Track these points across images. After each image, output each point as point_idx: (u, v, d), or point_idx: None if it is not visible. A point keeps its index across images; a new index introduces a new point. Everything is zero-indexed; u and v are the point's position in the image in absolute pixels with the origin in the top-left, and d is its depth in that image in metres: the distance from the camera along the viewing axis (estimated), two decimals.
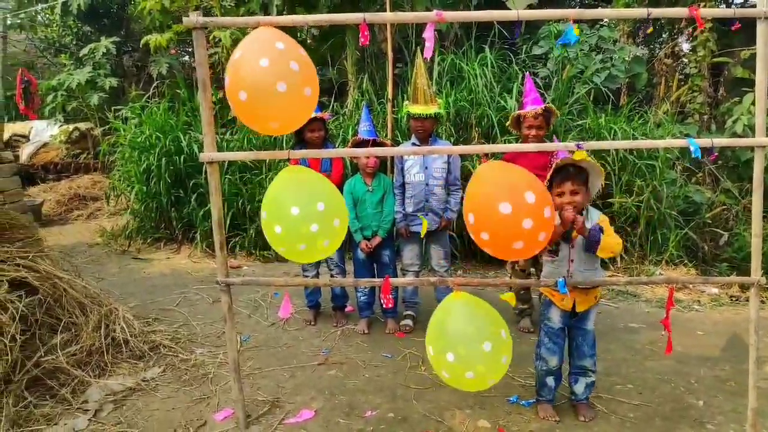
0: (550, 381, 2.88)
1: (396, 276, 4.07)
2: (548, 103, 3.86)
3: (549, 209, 2.24)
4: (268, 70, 2.18)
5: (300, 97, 2.27)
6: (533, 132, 3.61)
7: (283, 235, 2.38)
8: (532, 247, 2.26)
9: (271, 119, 2.31)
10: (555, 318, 2.84)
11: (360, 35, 2.32)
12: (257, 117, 2.33)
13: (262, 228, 2.48)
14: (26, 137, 10.20)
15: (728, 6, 7.54)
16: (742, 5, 7.73)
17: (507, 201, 2.15)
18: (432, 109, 3.76)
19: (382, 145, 3.85)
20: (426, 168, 3.85)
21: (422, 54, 4.07)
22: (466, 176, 5.06)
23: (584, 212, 2.72)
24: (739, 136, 5.28)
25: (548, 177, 2.67)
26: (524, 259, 3.76)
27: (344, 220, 2.49)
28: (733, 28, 2.49)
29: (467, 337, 2.36)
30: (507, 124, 3.88)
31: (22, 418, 2.86)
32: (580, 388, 2.89)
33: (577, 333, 2.86)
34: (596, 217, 2.76)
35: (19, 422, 2.82)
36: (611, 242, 2.62)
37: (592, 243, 2.61)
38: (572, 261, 2.72)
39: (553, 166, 2.65)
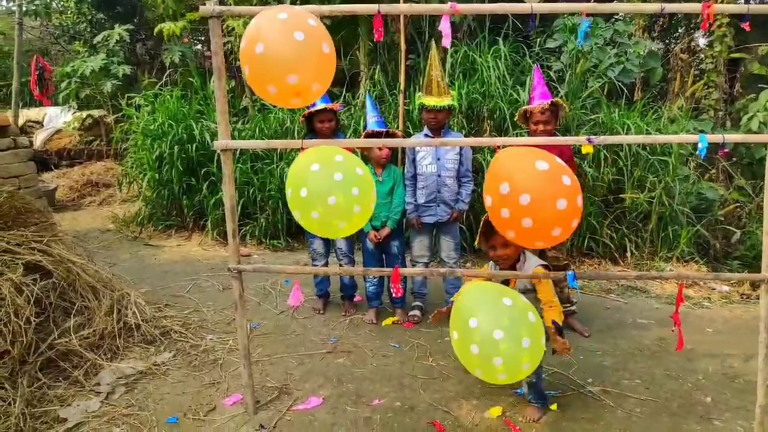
0: None
1: (404, 267, 4.09)
2: (558, 97, 3.85)
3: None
4: (286, 21, 2.20)
5: (318, 50, 2.24)
6: (540, 127, 3.59)
7: (310, 196, 2.31)
8: (573, 208, 2.17)
9: (289, 71, 2.18)
10: None
11: (374, 29, 2.32)
12: (273, 71, 2.21)
13: (291, 209, 2.42)
14: (40, 123, 10.29)
15: (746, 1, 7.43)
16: (761, 1, 7.62)
17: (542, 159, 2.17)
18: (445, 102, 3.76)
19: (393, 135, 3.85)
20: (438, 159, 3.85)
21: (437, 45, 4.06)
22: (477, 169, 5.09)
23: (521, 257, 2.76)
24: (755, 133, 5.23)
25: (480, 230, 2.68)
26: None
27: (365, 168, 2.47)
28: (745, 26, 2.46)
29: (485, 300, 2.35)
30: (515, 118, 3.88)
31: (36, 398, 2.91)
32: (525, 389, 2.91)
33: None
34: (534, 264, 2.75)
35: (34, 402, 2.88)
36: (554, 316, 2.66)
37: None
38: None
39: (484, 218, 2.63)
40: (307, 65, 2.23)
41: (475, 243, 2.77)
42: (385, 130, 3.77)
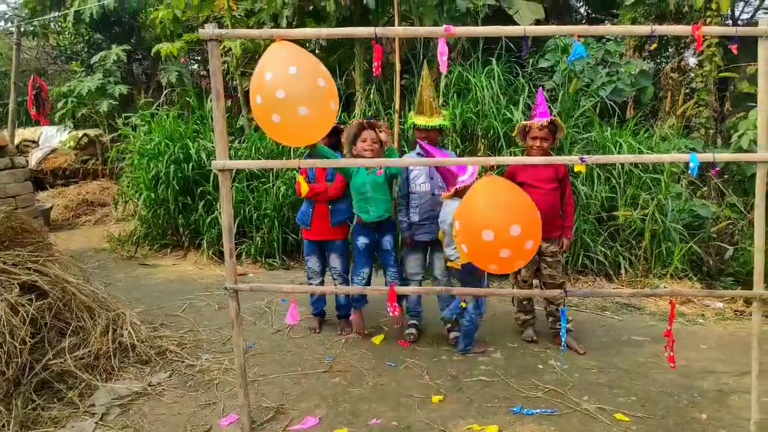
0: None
1: (398, 263, 4.09)
2: (554, 116, 3.92)
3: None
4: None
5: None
6: (537, 143, 3.68)
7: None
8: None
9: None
10: None
11: (375, 62, 2.38)
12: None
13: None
14: (36, 142, 10.30)
15: (734, 22, 7.58)
16: (748, 22, 7.77)
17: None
18: (436, 121, 3.82)
19: (376, 127, 3.77)
20: (432, 178, 3.88)
21: (430, 66, 4.12)
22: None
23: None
24: (745, 151, 5.30)
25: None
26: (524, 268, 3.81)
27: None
28: (733, 49, 2.53)
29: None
30: (513, 134, 3.93)
31: (31, 420, 2.90)
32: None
33: None
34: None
35: (28, 424, 2.86)
36: None
37: None
38: None
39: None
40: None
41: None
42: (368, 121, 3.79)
